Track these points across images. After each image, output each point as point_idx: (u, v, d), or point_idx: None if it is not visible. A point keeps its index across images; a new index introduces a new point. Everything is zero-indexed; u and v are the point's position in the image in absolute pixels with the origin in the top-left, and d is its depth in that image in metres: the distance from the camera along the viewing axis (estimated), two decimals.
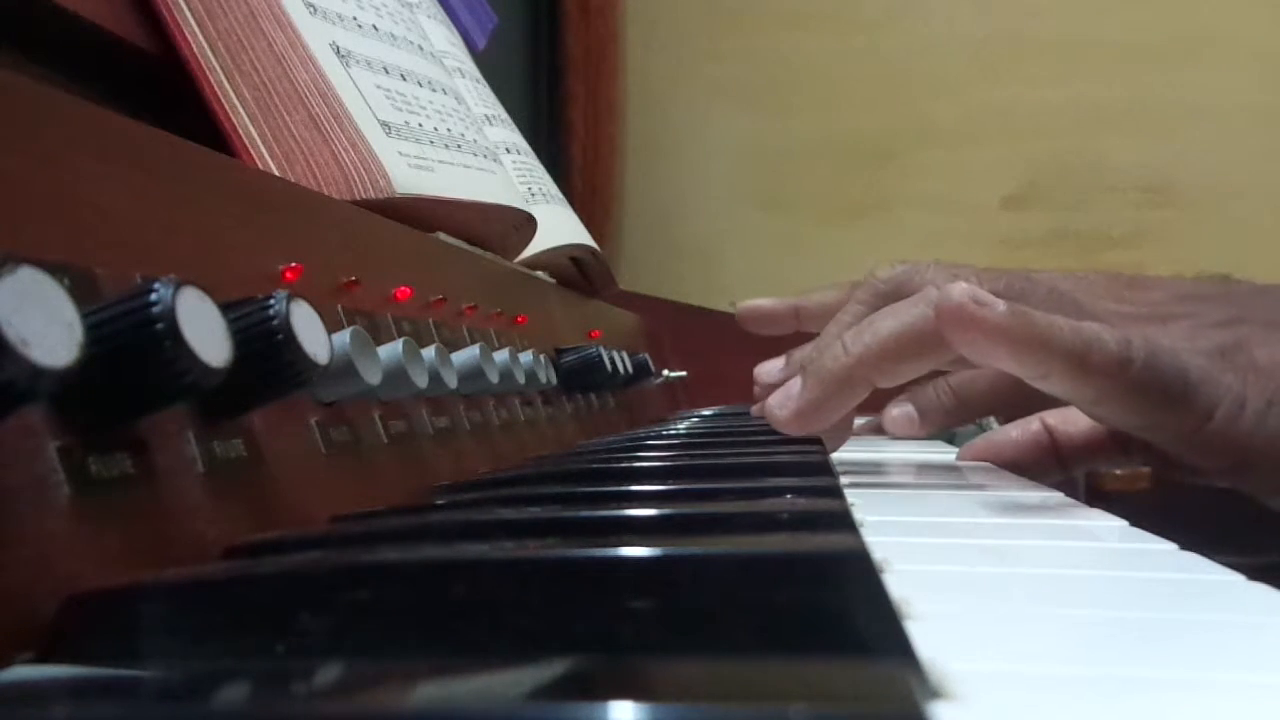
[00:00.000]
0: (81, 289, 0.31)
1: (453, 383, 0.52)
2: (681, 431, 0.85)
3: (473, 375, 0.56)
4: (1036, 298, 0.53)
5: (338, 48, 0.66)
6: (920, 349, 0.51)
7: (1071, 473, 0.65)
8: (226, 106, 0.60)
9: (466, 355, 0.57)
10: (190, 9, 0.60)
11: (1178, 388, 0.48)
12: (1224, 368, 0.50)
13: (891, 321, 0.52)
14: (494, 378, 0.58)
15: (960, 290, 0.46)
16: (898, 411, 0.76)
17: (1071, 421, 0.64)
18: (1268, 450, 0.49)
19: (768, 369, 0.62)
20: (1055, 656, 0.25)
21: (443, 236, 0.71)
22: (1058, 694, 0.21)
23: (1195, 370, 0.49)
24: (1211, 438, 0.49)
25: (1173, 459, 0.54)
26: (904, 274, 0.58)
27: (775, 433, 0.60)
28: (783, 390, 0.54)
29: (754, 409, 0.61)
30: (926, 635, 0.22)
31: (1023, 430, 0.66)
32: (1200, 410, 0.49)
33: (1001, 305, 0.46)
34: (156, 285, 0.29)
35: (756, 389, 0.62)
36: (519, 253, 0.93)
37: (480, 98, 1.00)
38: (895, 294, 0.57)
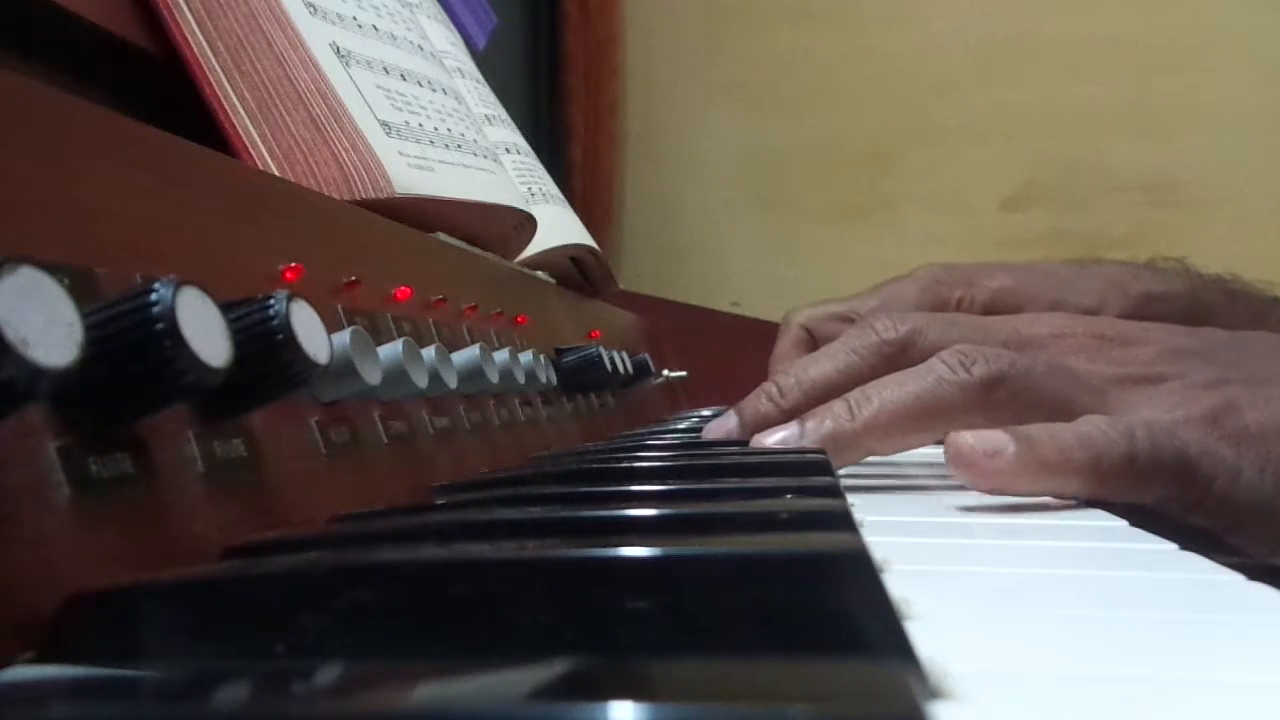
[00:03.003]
0: (81, 289, 0.31)
1: (453, 383, 0.52)
2: (681, 431, 0.85)
3: (473, 375, 0.56)
4: (1038, 374, 0.55)
5: (338, 48, 0.66)
6: (925, 425, 0.54)
7: None
8: (226, 106, 0.60)
9: (466, 355, 0.57)
10: (190, 9, 0.60)
11: (1180, 467, 0.51)
12: (1218, 436, 0.53)
13: (899, 394, 0.54)
14: (494, 378, 0.58)
15: (967, 443, 0.48)
16: None
17: None
18: (1259, 513, 0.52)
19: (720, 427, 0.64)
20: (1055, 656, 0.25)
21: (443, 236, 0.71)
22: (1058, 694, 0.21)
23: (1194, 445, 0.51)
24: (1209, 506, 0.52)
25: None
26: (907, 336, 0.60)
27: None
28: (779, 434, 0.56)
29: (716, 431, 0.63)
30: (926, 635, 0.22)
31: None
32: (1200, 484, 0.51)
33: (1010, 448, 0.47)
34: (156, 285, 0.29)
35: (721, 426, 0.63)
36: (519, 253, 0.93)
37: (480, 98, 1.00)
38: (898, 355, 0.59)
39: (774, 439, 0.56)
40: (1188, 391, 0.55)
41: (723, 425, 0.62)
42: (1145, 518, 0.46)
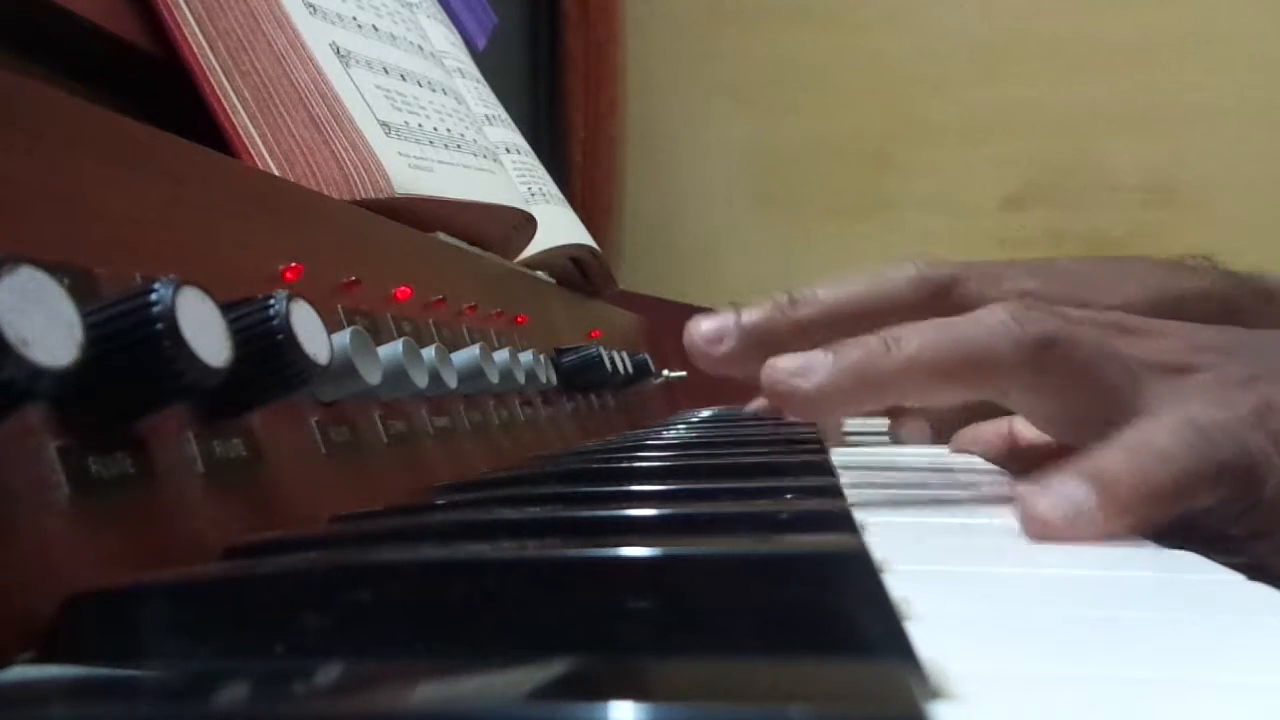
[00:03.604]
0: (81, 289, 0.31)
1: (453, 383, 0.52)
2: (681, 431, 0.85)
3: (473, 375, 0.56)
4: (1087, 345, 0.50)
5: (338, 48, 0.66)
6: (967, 378, 0.49)
7: (1028, 472, 0.66)
8: (226, 106, 0.60)
9: (466, 355, 0.57)
10: (190, 9, 0.60)
11: (1244, 469, 0.47)
12: (1266, 440, 0.48)
13: (943, 337, 0.48)
14: (494, 378, 0.58)
15: (1040, 511, 0.42)
16: (914, 425, 0.77)
17: (1029, 427, 0.65)
18: None
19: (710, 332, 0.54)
20: (1055, 656, 0.25)
21: (443, 236, 0.71)
22: (1057, 694, 0.21)
23: (1255, 447, 0.47)
24: (1259, 512, 0.48)
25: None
26: (950, 278, 0.55)
27: (775, 434, 0.60)
28: (803, 359, 0.48)
29: (707, 327, 0.53)
30: (926, 635, 0.22)
31: (997, 429, 0.68)
32: (1255, 487, 0.47)
33: (1092, 502, 0.42)
34: (156, 285, 0.29)
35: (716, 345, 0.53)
36: (519, 253, 0.93)
37: (480, 98, 1.00)
38: (935, 299, 0.54)
39: (795, 363, 0.48)
40: (1224, 389, 0.51)
41: (717, 322, 0.54)
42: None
